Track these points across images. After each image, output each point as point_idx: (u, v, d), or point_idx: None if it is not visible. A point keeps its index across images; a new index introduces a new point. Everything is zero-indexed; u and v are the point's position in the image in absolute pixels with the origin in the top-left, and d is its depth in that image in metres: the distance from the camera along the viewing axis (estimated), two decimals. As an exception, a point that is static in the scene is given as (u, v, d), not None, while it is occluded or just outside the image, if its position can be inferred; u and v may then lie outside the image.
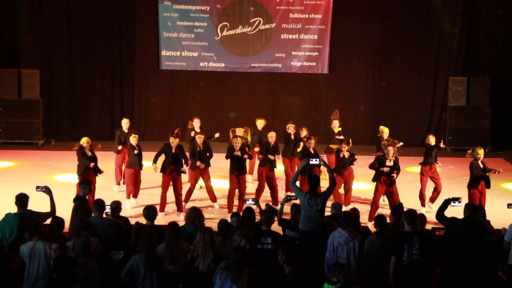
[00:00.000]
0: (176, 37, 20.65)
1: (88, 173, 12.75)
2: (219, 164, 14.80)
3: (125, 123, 15.00)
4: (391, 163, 12.80)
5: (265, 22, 20.64)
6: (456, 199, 9.43)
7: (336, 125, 15.57)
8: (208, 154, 13.66)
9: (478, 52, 20.98)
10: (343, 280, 7.51)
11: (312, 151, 13.61)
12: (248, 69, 20.92)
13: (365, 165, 14.52)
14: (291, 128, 14.84)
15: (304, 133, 15.28)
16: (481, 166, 12.62)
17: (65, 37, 20.51)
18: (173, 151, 13.14)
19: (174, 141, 13.21)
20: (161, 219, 12.31)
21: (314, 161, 10.15)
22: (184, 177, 13.58)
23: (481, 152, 12.70)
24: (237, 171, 13.28)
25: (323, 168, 13.55)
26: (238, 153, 13.20)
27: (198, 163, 13.47)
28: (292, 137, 14.79)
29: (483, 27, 20.83)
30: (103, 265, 7.97)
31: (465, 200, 10.64)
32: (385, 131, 14.72)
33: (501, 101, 20.35)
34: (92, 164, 12.83)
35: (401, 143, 13.76)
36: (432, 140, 13.79)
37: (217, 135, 14.96)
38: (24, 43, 20.55)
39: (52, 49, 20.56)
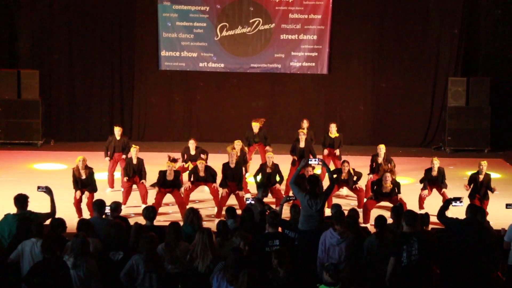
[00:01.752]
0: (175, 37, 20.64)
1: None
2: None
3: (117, 131, 15.00)
4: (387, 191, 12.79)
5: (265, 22, 20.63)
6: (457, 199, 9.44)
7: (333, 130, 15.55)
8: (211, 175, 13.63)
9: (478, 52, 20.97)
10: (340, 281, 7.47)
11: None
12: (247, 70, 20.91)
13: (364, 165, 14.55)
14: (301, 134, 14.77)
15: (305, 125, 15.33)
16: (481, 179, 12.92)
17: (64, 37, 20.50)
18: (169, 178, 13.07)
19: (171, 165, 13.17)
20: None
21: (313, 161, 10.15)
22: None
23: (483, 163, 13.00)
24: (229, 182, 13.25)
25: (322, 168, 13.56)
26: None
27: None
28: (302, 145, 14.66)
29: (483, 27, 20.82)
30: (102, 266, 7.96)
31: (466, 201, 10.68)
32: (381, 148, 14.56)
33: (501, 101, 20.33)
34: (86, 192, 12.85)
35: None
36: (436, 163, 13.66)
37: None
38: (24, 43, 20.54)
39: (51, 49, 20.54)
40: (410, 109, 21.00)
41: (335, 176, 13.59)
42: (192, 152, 14.96)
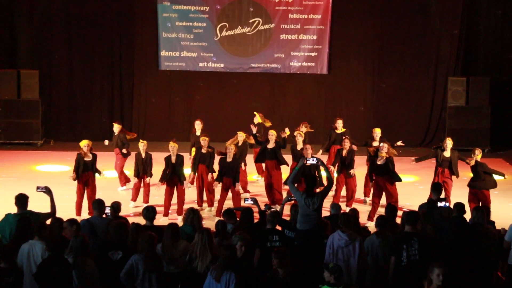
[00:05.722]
0: (175, 37, 20.64)
1: (85, 176, 12.83)
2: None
3: (116, 128, 15.11)
4: (382, 161, 12.82)
5: (264, 22, 20.63)
6: (443, 199, 9.54)
7: (339, 126, 15.47)
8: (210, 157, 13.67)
9: (477, 52, 20.97)
10: (343, 283, 7.46)
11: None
12: (247, 70, 20.91)
13: (363, 164, 14.55)
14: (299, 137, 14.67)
15: (303, 129, 15.28)
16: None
17: (64, 37, 20.50)
18: (173, 161, 13.07)
19: (174, 145, 13.15)
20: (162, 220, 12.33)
21: (311, 161, 10.15)
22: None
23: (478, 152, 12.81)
24: (225, 178, 13.24)
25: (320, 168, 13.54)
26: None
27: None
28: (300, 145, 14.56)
29: (483, 27, 20.82)
30: (101, 266, 7.95)
31: (464, 200, 10.70)
32: (376, 131, 14.68)
33: (501, 101, 20.33)
34: (102, 174, 13.18)
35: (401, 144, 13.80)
36: (449, 143, 13.47)
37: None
38: (23, 43, 20.55)
39: (51, 49, 20.55)
40: (410, 109, 21.00)
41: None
42: (198, 133, 14.96)
